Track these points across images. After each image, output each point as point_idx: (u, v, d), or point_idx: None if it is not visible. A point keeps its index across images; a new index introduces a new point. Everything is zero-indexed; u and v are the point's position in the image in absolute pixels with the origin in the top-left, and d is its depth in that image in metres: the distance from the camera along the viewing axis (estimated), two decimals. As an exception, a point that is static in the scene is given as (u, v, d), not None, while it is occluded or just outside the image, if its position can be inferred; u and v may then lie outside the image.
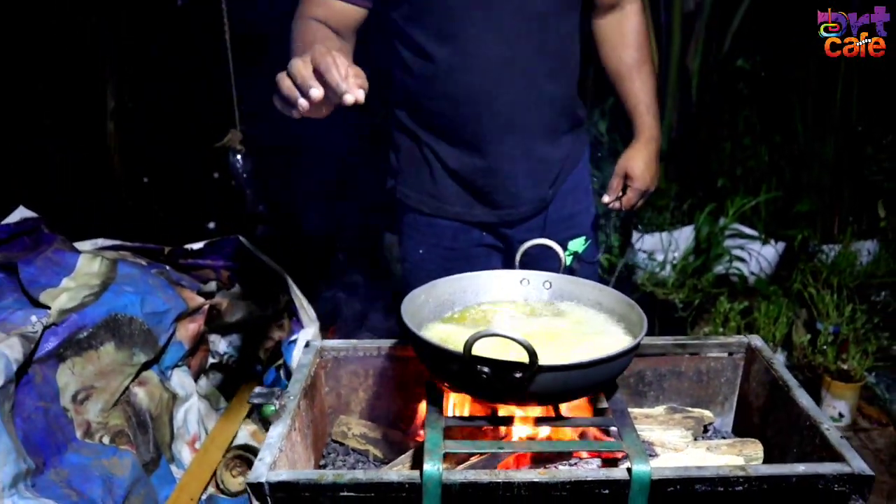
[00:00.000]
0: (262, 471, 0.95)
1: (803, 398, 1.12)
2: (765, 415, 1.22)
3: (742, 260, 3.25)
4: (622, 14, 1.64)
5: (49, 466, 1.48)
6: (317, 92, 0.97)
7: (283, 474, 0.95)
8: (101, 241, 2.34)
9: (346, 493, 0.93)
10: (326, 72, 0.97)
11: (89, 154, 5.75)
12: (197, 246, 2.48)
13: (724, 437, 1.28)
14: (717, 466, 0.96)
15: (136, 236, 4.92)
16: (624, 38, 1.65)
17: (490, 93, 1.46)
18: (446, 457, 0.96)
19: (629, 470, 0.91)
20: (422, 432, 1.19)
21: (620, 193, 1.70)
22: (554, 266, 1.23)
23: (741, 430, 1.31)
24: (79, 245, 2.16)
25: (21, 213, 2.20)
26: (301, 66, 0.99)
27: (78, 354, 1.63)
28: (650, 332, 1.05)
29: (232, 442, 2.03)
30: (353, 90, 0.97)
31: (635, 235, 3.37)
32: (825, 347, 2.59)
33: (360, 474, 0.94)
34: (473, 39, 1.42)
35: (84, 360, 1.63)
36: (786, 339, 2.88)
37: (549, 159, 1.60)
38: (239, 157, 2.67)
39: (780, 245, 3.44)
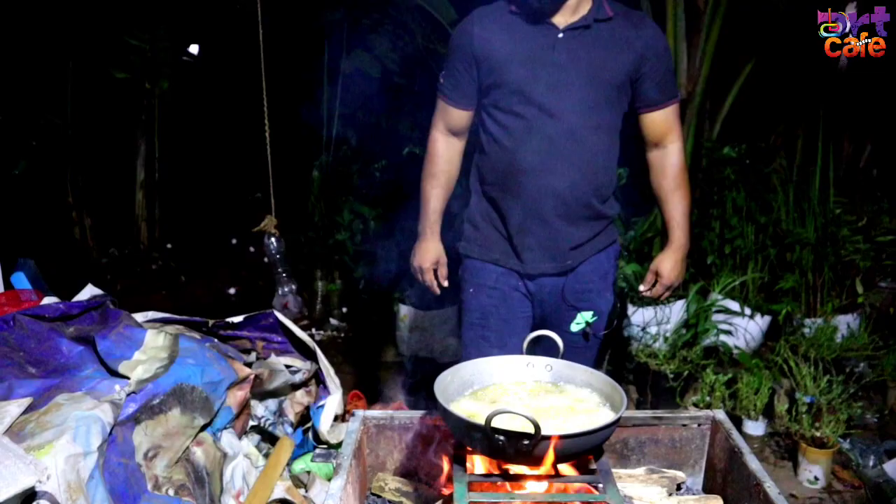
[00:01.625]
0: (328, 514, 1.23)
1: (753, 462, 1.40)
2: (725, 475, 1.50)
3: (729, 333, 3.54)
4: (665, 151, 2.09)
5: (128, 514, 1.75)
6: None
7: (344, 517, 1.23)
8: (151, 314, 2.64)
9: (393, 533, 1.21)
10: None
11: (118, 222, 6.11)
12: (236, 319, 2.76)
13: (693, 494, 1.56)
14: (679, 515, 1.24)
15: (161, 300, 5.22)
16: (664, 169, 2.10)
17: (532, 177, 1.98)
18: (470, 505, 1.23)
19: (611, 516, 1.19)
20: (446, 486, 1.48)
21: (651, 286, 2.18)
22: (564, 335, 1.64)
23: (709, 488, 1.59)
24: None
25: (90, 291, 2.52)
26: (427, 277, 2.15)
27: (150, 418, 1.91)
28: (643, 400, 1.34)
29: (270, 496, 2.29)
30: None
31: (631, 309, 3.67)
32: (802, 416, 2.85)
33: (404, 518, 1.22)
34: (528, 139, 1.97)
35: (155, 422, 1.92)
36: (769, 408, 3.14)
37: (569, 236, 2.05)
38: (273, 240, 3.00)
39: (766, 319, 3.73)
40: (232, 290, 5.68)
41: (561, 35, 1.92)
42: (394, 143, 4.72)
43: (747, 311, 3.64)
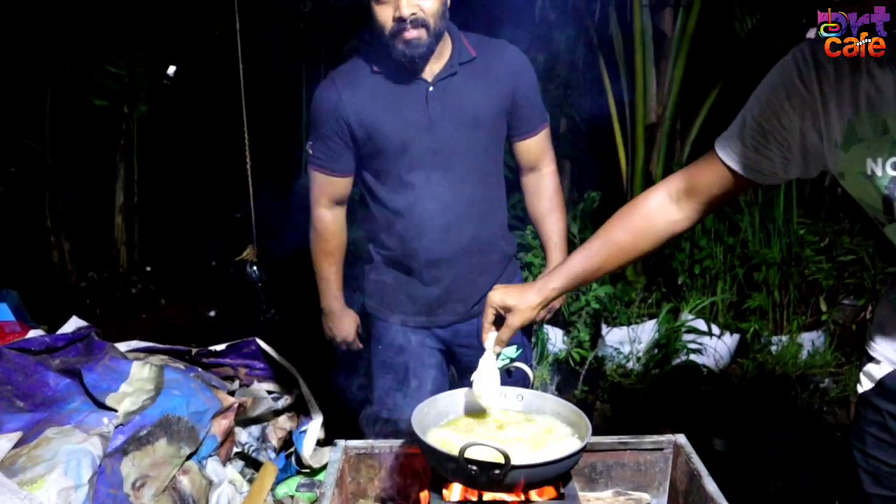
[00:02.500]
0: (312, 543, 1.31)
1: (710, 485, 1.50)
2: (686, 497, 1.60)
3: (699, 352, 3.65)
4: (540, 174, 2.13)
5: (117, 544, 1.82)
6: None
7: (328, 545, 1.30)
8: (134, 344, 2.71)
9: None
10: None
11: (97, 246, 6.13)
12: (219, 347, 2.82)
13: (657, 514, 1.65)
14: (641, 537, 1.33)
15: (141, 323, 5.24)
16: (539, 192, 2.14)
17: (432, 238, 1.97)
18: (446, 531, 1.32)
19: (577, 540, 1.28)
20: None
21: None
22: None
23: (672, 509, 1.69)
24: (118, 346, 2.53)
25: (75, 323, 2.58)
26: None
27: (138, 449, 1.98)
28: (616, 419, 1.42)
29: (254, 522, 2.35)
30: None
31: (605, 329, 3.77)
32: (768, 433, 2.96)
33: (384, 545, 1.30)
34: (420, 201, 1.95)
35: (142, 453, 1.99)
36: (738, 425, 3.25)
37: (478, 285, 2.07)
38: (255, 268, 3.08)
39: (735, 337, 3.86)
40: (212, 313, 5.72)
41: (431, 89, 1.89)
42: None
43: (716, 330, 3.76)
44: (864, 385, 1.38)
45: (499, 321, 1.51)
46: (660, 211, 1.43)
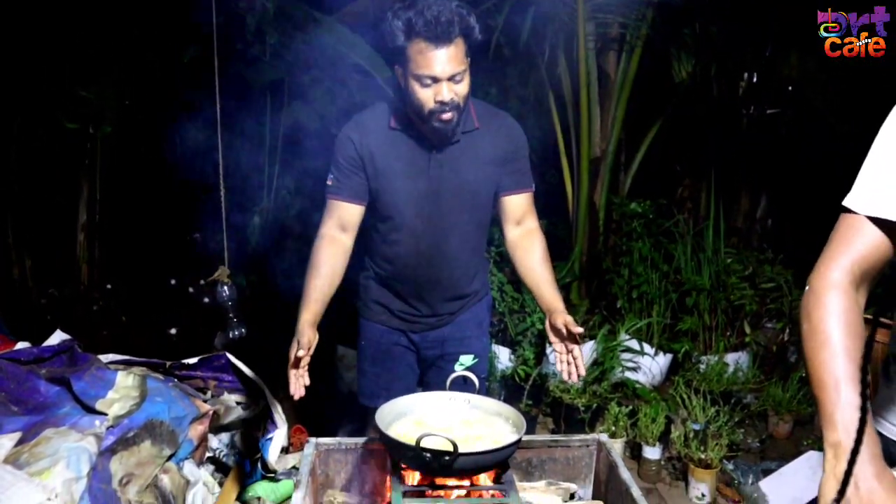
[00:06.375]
0: (291, 519, 1.56)
1: (624, 473, 1.79)
2: (607, 485, 1.89)
3: (634, 370, 3.98)
4: (527, 229, 2.33)
5: (108, 532, 2.03)
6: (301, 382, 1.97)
7: (305, 520, 1.55)
8: (112, 356, 2.91)
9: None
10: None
11: (59, 263, 6.24)
12: (192, 361, 3.04)
13: (582, 500, 1.94)
14: (565, 513, 1.61)
15: (103, 339, 5.38)
16: (533, 246, 2.30)
17: (414, 269, 2.27)
18: (404, 509, 1.58)
19: (512, 515, 1.55)
20: (388, 496, 1.82)
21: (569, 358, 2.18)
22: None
23: (596, 496, 1.97)
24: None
25: (59, 336, 2.78)
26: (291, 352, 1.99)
27: (125, 449, 2.20)
28: (557, 430, 1.69)
29: (226, 519, 2.57)
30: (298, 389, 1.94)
31: (548, 348, 4.06)
32: (691, 441, 3.28)
33: (352, 520, 1.56)
34: (409, 238, 2.23)
35: (129, 453, 2.20)
36: (666, 435, 3.56)
37: (446, 308, 2.36)
38: (226, 287, 3.29)
39: (668, 357, 4.19)
40: (173, 331, 5.87)
41: (434, 151, 2.15)
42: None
43: (650, 349, 4.09)
44: None
45: None
46: (856, 310, 1.26)
